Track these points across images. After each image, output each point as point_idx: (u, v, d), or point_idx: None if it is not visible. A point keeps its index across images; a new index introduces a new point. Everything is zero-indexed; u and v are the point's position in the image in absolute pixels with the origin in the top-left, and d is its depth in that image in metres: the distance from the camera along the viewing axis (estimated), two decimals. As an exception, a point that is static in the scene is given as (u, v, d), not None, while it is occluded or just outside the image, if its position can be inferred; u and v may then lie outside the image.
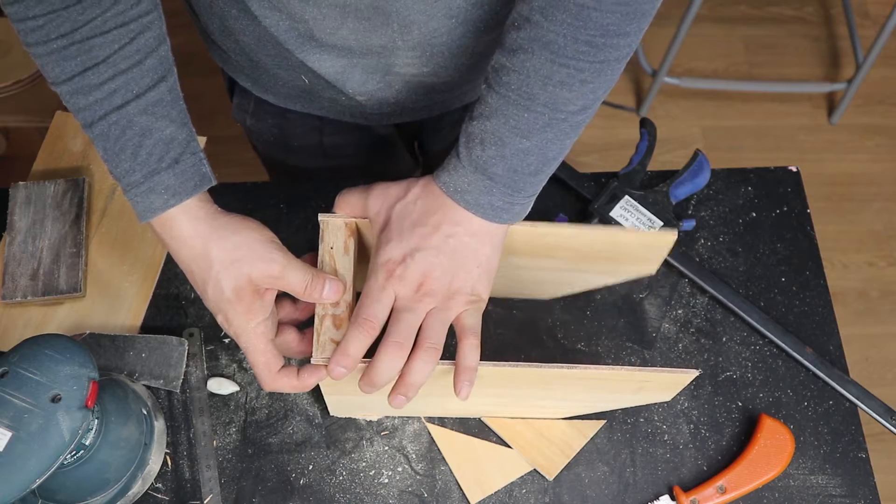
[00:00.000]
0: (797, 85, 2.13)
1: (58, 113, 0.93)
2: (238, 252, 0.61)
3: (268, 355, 0.63)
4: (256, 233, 0.63)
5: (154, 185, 0.60)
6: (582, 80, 0.59)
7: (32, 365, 0.63)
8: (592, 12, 0.56)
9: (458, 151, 0.62)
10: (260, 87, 0.88)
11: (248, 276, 0.61)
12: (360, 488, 0.77)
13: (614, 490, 0.78)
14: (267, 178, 1.15)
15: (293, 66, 0.78)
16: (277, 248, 0.63)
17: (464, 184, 0.61)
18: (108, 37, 0.58)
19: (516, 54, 0.59)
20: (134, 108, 0.59)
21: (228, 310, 0.62)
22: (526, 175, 0.62)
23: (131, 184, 0.61)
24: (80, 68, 0.58)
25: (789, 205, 0.92)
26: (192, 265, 0.63)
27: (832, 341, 0.85)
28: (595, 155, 2.03)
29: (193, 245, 0.62)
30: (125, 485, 0.73)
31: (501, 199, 0.62)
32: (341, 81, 0.79)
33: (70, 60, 0.58)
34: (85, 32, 0.57)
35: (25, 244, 0.84)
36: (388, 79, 0.79)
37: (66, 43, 0.57)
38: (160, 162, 0.60)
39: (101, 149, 0.61)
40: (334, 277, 0.63)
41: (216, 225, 0.62)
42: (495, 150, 0.60)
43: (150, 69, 0.60)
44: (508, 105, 0.60)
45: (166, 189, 0.61)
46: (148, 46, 0.60)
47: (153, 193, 0.61)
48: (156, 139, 0.60)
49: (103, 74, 0.58)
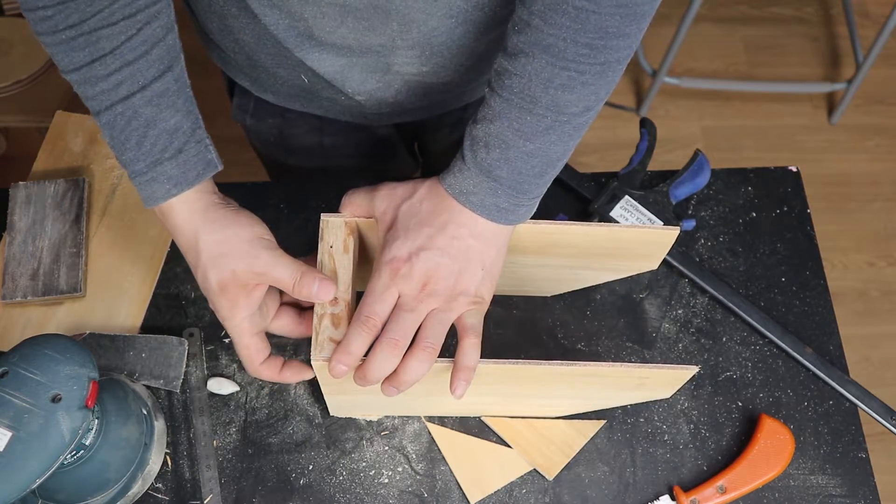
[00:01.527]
0: (797, 85, 2.13)
1: (58, 113, 0.93)
2: (224, 247, 0.62)
3: (251, 348, 0.65)
4: (247, 229, 0.63)
5: (157, 175, 0.62)
6: (583, 82, 0.59)
7: (32, 365, 0.63)
8: (591, 15, 0.56)
9: (463, 154, 0.62)
10: (259, 86, 0.88)
11: (233, 272, 0.62)
12: (360, 488, 0.77)
13: (614, 490, 0.78)
14: (267, 178, 1.15)
15: (292, 65, 0.78)
16: (265, 245, 0.63)
17: (469, 186, 0.62)
18: (116, 28, 0.58)
19: (517, 58, 0.59)
20: (139, 100, 0.60)
21: (215, 300, 0.64)
22: (531, 177, 0.62)
23: (136, 172, 0.62)
24: (87, 59, 0.59)
25: (789, 205, 0.92)
26: (186, 254, 0.65)
27: (832, 341, 0.85)
28: (595, 155, 2.04)
29: (187, 235, 0.63)
30: (125, 485, 0.73)
31: (507, 200, 0.62)
32: (340, 81, 0.79)
33: (78, 51, 0.59)
34: (93, 24, 0.58)
35: (25, 244, 0.84)
36: (387, 78, 0.79)
37: (75, 34, 0.58)
38: (163, 152, 0.61)
39: (108, 137, 0.62)
40: (325, 276, 0.63)
41: (209, 218, 0.63)
42: (499, 152, 0.61)
43: (157, 59, 0.61)
44: (511, 108, 0.60)
45: (168, 179, 0.62)
46: (155, 36, 0.60)
47: (156, 183, 0.62)
48: (160, 130, 0.61)
49: (110, 66, 0.59)
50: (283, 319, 0.68)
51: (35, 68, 1.52)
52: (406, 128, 1.03)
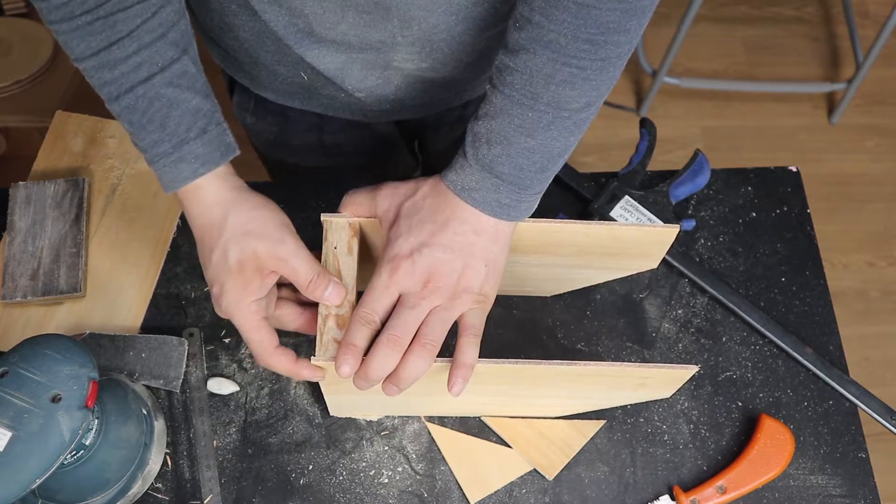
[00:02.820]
0: (797, 85, 2.13)
1: (58, 113, 0.93)
2: (252, 225, 0.62)
3: (262, 332, 0.64)
4: (277, 213, 0.64)
5: (183, 155, 0.62)
6: (584, 77, 0.59)
7: (32, 365, 0.63)
8: (592, 10, 0.57)
9: (465, 151, 0.63)
10: (259, 84, 0.88)
11: (255, 251, 0.62)
12: (360, 488, 0.77)
13: (614, 490, 0.78)
14: (267, 177, 1.15)
15: (292, 62, 0.79)
16: (291, 233, 0.64)
17: (471, 182, 0.62)
18: (131, 12, 0.59)
19: (519, 54, 0.59)
20: (160, 80, 0.61)
21: (227, 281, 0.63)
22: (532, 172, 0.62)
23: (159, 154, 0.62)
24: (105, 43, 0.59)
25: (789, 205, 0.92)
26: (204, 233, 0.64)
27: (832, 341, 0.85)
28: (595, 155, 2.04)
29: (213, 212, 0.63)
30: (125, 485, 0.73)
31: (509, 196, 0.62)
32: (340, 77, 0.79)
33: (95, 36, 0.59)
34: (108, 8, 0.58)
35: (25, 244, 0.84)
36: (387, 74, 0.79)
37: (91, 19, 0.58)
38: (188, 132, 0.62)
39: (127, 122, 0.62)
40: (339, 281, 0.64)
41: (240, 197, 0.64)
42: (501, 149, 0.61)
43: (173, 42, 0.61)
44: (513, 104, 0.60)
45: (196, 158, 0.62)
46: (169, 20, 0.61)
47: (182, 163, 0.62)
48: (182, 110, 0.61)
49: (128, 48, 0.59)
50: (285, 309, 0.67)
51: (35, 68, 1.52)
52: (406, 125, 1.03)
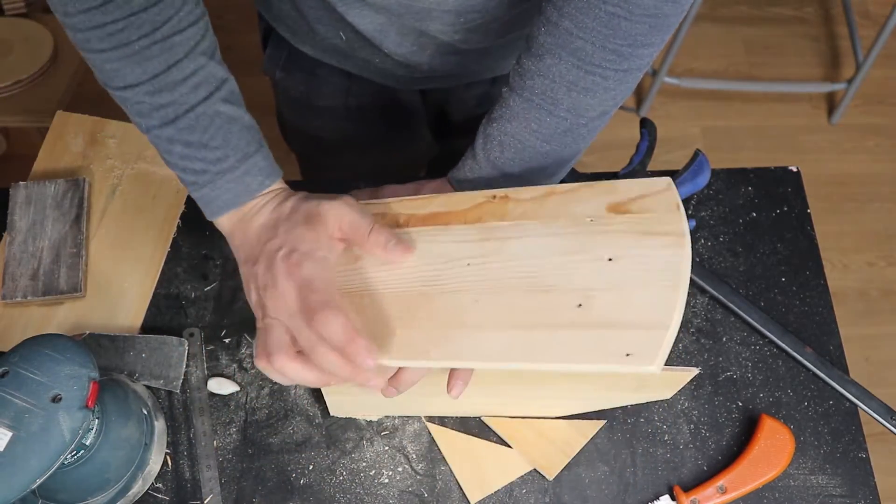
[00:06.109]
0: (797, 85, 2.13)
1: (58, 113, 0.93)
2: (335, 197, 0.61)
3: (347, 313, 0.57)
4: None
5: (250, 168, 0.62)
6: (606, 87, 0.59)
7: (33, 365, 0.63)
8: (623, 21, 0.57)
9: (475, 152, 0.63)
10: (298, 38, 0.89)
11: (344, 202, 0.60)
12: (361, 488, 0.77)
13: (614, 490, 0.78)
14: (290, 169, 1.16)
15: (334, 20, 0.79)
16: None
17: (480, 182, 0.62)
18: (186, 34, 0.59)
19: (543, 59, 0.59)
20: (217, 99, 0.61)
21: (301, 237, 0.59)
22: (543, 177, 0.63)
23: (224, 170, 0.62)
24: (163, 66, 0.59)
25: (789, 205, 0.92)
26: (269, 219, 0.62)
27: (832, 341, 0.85)
28: (595, 155, 2.03)
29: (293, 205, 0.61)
30: (125, 485, 0.73)
31: None
32: (378, 39, 0.80)
33: (153, 60, 0.59)
34: (165, 31, 0.58)
35: (25, 244, 0.84)
36: (421, 41, 0.80)
37: (149, 43, 0.58)
38: (249, 146, 0.62)
39: (183, 143, 0.61)
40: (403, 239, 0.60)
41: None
42: (514, 152, 0.61)
43: (219, 62, 0.62)
44: (532, 108, 0.60)
45: (261, 171, 0.62)
46: (214, 43, 0.62)
47: (249, 175, 0.62)
48: (241, 125, 0.62)
49: (186, 69, 0.60)
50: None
51: (35, 68, 1.52)
52: (431, 96, 1.03)
